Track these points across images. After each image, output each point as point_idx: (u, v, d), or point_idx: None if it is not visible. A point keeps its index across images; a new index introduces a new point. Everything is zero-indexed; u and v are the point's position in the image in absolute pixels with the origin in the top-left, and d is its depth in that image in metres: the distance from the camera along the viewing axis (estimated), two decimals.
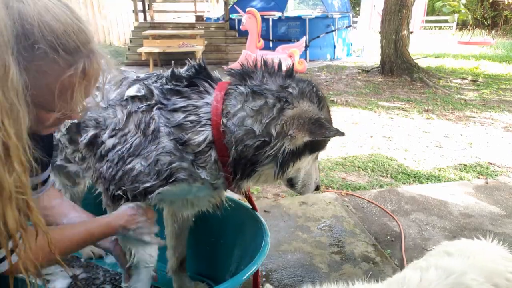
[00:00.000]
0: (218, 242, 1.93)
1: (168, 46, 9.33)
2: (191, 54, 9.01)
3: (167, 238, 1.80)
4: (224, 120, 1.26)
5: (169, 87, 1.35)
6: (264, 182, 1.42)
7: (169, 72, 1.38)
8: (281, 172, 1.31)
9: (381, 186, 3.32)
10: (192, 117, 1.29)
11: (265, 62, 1.35)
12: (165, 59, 9.34)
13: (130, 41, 11.05)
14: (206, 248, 1.97)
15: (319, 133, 1.23)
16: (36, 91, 0.84)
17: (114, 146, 1.36)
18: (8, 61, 0.77)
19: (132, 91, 1.38)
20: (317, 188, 1.50)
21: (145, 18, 11.99)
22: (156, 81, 1.40)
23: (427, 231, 2.66)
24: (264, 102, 1.25)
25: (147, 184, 1.33)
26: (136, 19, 11.36)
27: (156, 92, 1.34)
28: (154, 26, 11.24)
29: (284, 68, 1.37)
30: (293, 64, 1.41)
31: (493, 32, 15.07)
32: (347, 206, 2.97)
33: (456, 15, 9.08)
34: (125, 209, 1.31)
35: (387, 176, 3.54)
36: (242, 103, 1.27)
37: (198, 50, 9.18)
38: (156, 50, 9.16)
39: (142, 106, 1.34)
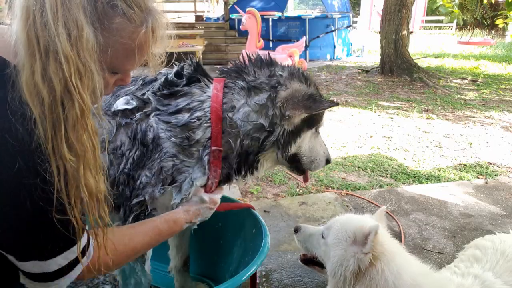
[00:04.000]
0: (218, 242, 1.93)
1: (167, 46, 9.31)
2: (191, 54, 9.03)
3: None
4: (230, 114, 1.29)
5: (165, 92, 1.31)
6: (270, 167, 1.47)
7: (162, 79, 1.34)
8: (284, 153, 1.36)
9: (381, 186, 3.32)
10: (197, 113, 1.28)
11: (251, 57, 1.39)
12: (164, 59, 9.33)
13: None
14: (206, 248, 1.97)
15: (314, 107, 1.29)
16: (110, 53, 0.80)
17: (111, 163, 1.29)
18: (81, 20, 0.72)
19: (121, 103, 1.31)
20: (327, 162, 1.52)
21: None
22: (142, 87, 1.35)
23: (426, 231, 2.66)
24: (265, 95, 1.29)
25: (149, 191, 1.29)
26: None
27: (152, 99, 1.30)
28: None
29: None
30: (269, 53, 1.46)
31: (493, 32, 15.09)
32: (347, 206, 2.97)
33: (453, 16, 9.10)
34: (190, 204, 1.28)
35: (387, 176, 3.54)
36: (245, 98, 1.30)
37: (198, 50, 9.20)
38: None
39: (136, 116, 1.28)
